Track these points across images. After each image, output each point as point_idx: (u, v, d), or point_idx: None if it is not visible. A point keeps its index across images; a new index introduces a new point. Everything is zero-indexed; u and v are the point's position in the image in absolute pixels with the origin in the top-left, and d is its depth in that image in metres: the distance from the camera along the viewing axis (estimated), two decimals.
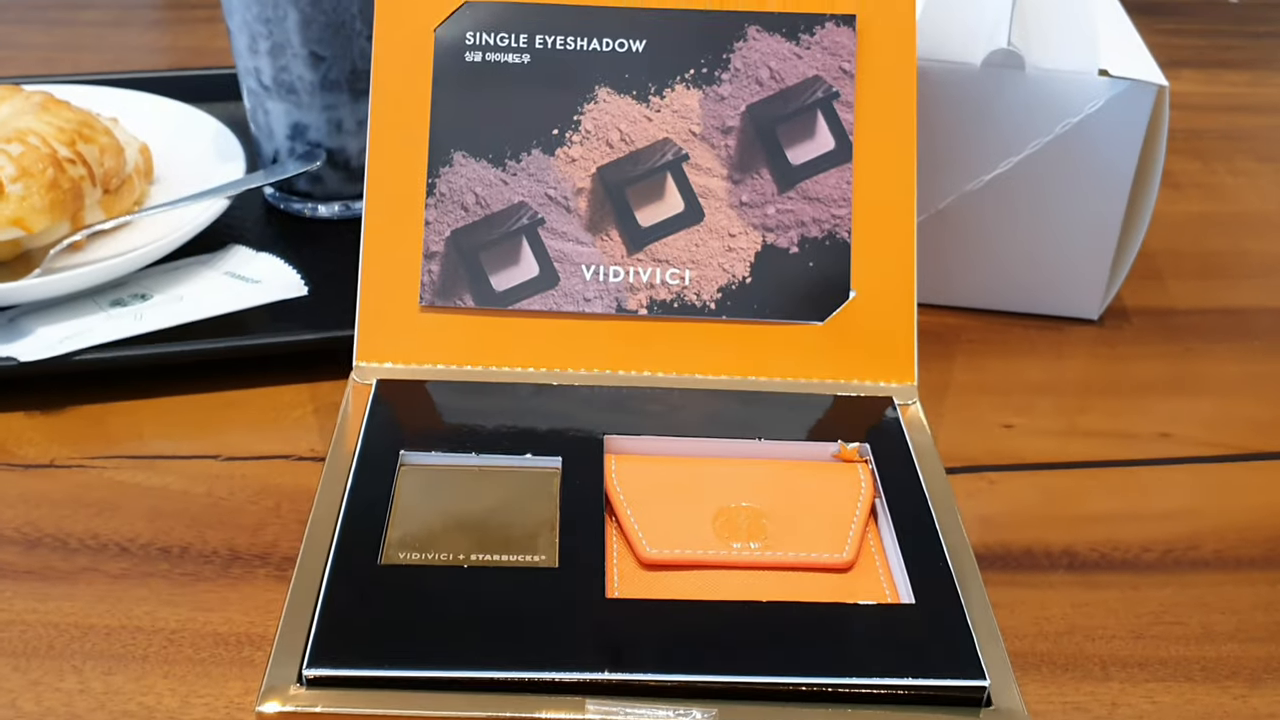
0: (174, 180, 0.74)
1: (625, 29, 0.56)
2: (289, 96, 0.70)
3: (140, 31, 1.01)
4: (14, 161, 0.65)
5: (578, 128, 0.56)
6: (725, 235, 0.55)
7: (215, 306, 0.62)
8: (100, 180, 0.68)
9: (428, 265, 0.55)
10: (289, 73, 0.69)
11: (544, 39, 0.56)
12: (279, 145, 0.73)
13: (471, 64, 0.56)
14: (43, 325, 0.62)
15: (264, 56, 0.69)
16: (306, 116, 0.71)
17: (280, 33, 0.68)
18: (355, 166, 0.73)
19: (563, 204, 0.55)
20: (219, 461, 0.57)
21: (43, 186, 0.65)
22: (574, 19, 0.56)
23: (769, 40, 0.56)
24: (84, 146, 0.68)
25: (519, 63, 0.56)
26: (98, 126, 0.70)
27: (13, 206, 0.64)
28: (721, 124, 0.56)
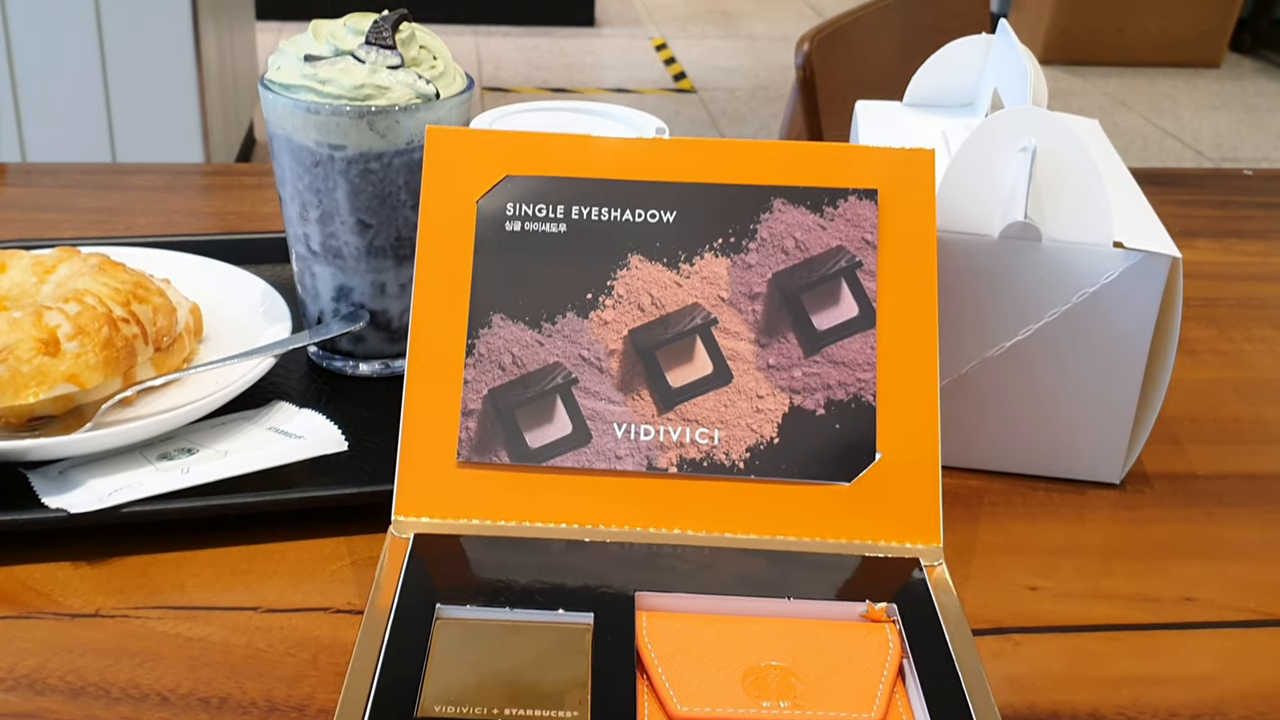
0: (222, 339, 0.77)
1: (657, 201, 0.59)
2: (335, 261, 0.73)
3: (190, 196, 1.06)
4: (71, 320, 0.68)
5: (611, 292, 0.58)
6: (753, 397, 0.57)
7: (258, 461, 0.64)
8: (152, 339, 0.71)
9: (465, 422, 0.57)
10: (336, 239, 0.73)
11: (580, 209, 0.59)
12: (324, 306, 0.76)
13: (511, 232, 0.59)
14: (92, 478, 0.64)
15: (313, 224, 0.73)
16: (351, 280, 0.74)
17: (330, 202, 0.71)
18: (396, 327, 0.76)
19: (596, 365, 0.58)
20: (259, 613, 0.58)
21: (97, 345, 0.68)
22: (608, 191, 0.59)
23: (794, 212, 0.59)
24: (138, 307, 0.71)
25: (556, 231, 0.59)
26: (151, 288, 0.73)
27: (68, 363, 0.67)
28: (749, 290, 0.58)
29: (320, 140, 0.69)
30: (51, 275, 0.74)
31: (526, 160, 0.60)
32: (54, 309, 0.68)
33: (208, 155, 2.66)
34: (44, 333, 0.67)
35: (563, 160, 0.60)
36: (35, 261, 0.75)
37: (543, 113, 0.71)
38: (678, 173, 0.60)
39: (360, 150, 0.69)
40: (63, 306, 0.69)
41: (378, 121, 0.69)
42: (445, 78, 0.71)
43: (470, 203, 0.60)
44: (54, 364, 0.67)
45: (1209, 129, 3.87)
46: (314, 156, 0.70)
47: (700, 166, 0.60)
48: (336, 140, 0.69)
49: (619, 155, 0.60)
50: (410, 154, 0.70)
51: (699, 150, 0.60)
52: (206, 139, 2.56)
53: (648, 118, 0.70)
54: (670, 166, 0.60)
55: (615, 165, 0.60)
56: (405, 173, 0.71)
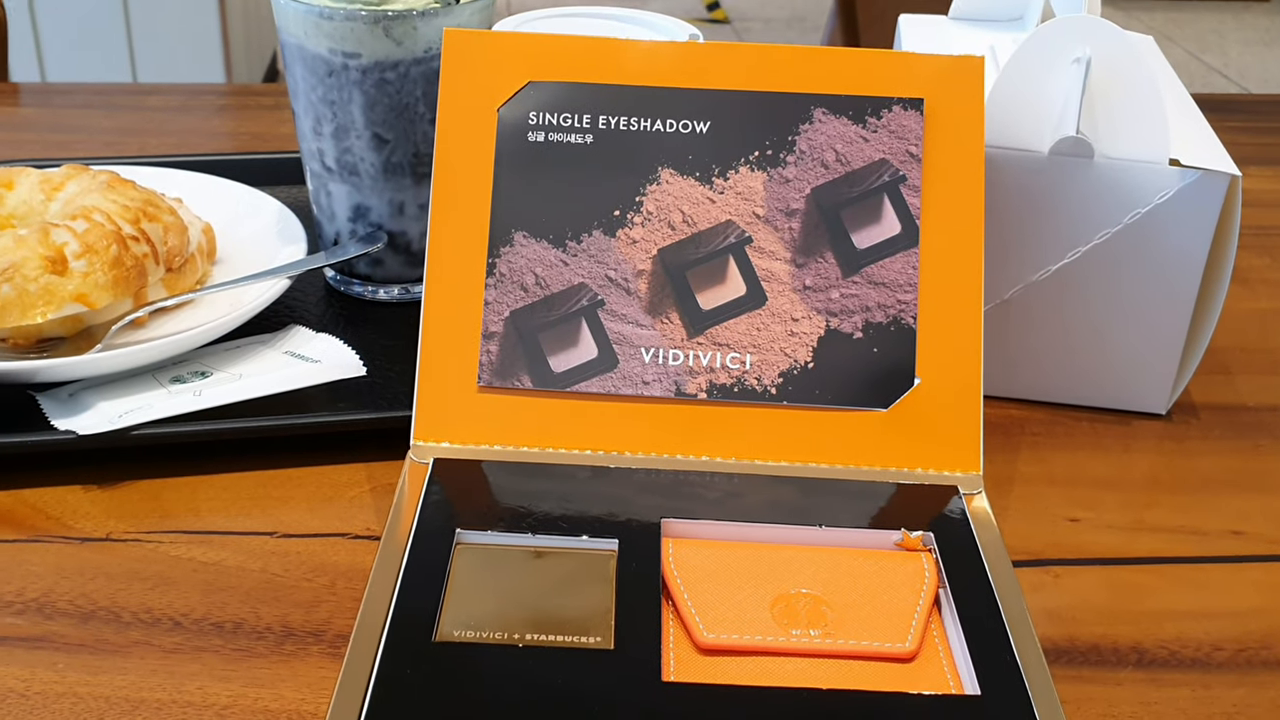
0: (236, 260, 0.75)
1: (689, 110, 0.56)
2: (351, 179, 0.71)
3: (206, 117, 1.03)
4: (79, 238, 0.65)
5: (639, 209, 0.56)
6: (788, 319, 0.55)
7: (274, 385, 0.62)
8: (163, 258, 0.69)
9: (486, 346, 0.55)
10: (352, 154, 0.70)
11: (607, 119, 0.56)
12: (340, 227, 0.73)
13: (534, 144, 0.56)
14: (102, 400, 0.62)
15: (328, 139, 0.70)
16: (368, 199, 0.71)
17: (344, 115, 0.69)
18: (416, 250, 0.73)
19: (623, 286, 0.55)
20: (274, 538, 0.56)
21: (106, 263, 0.65)
22: (638, 99, 0.57)
23: (835, 123, 0.56)
24: (148, 225, 0.68)
25: (581, 143, 0.56)
26: (162, 206, 0.71)
27: (76, 282, 0.64)
28: (785, 207, 0.56)
29: (334, 48, 0.67)
30: (59, 193, 0.72)
31: (551, 65, 0.57)
32: (61, 226, 0.66)
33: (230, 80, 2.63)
34: (51, 250, 0.64)
35: (589, 65, 0.57)
36: (43, 179, 0.72)
37: (570, 18, 0.68)
38: (712, 79, 0.57)
39: (376, 59, 0.67)
40: (70, 224, 0.66)
41: (394, 27, 0.66)
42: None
43: (490, 111, 0.57)
44: (62, 283, 0.64)
45: (1256, 65, 3.79)
46: (328, 66, 0.67)
47: (736, 73, 0.57)
48: (351, 48, 0.66)
49: (650, 60, 0.57)
50: (429, 63, 0.67)
51: (735, 56, 0.57)
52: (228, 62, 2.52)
53: (680, 24, 0.66)
54: (704, 73, 0.57)
55: (646, 71, 0.57)
56: (423, 83, 0.68)
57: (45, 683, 0.48)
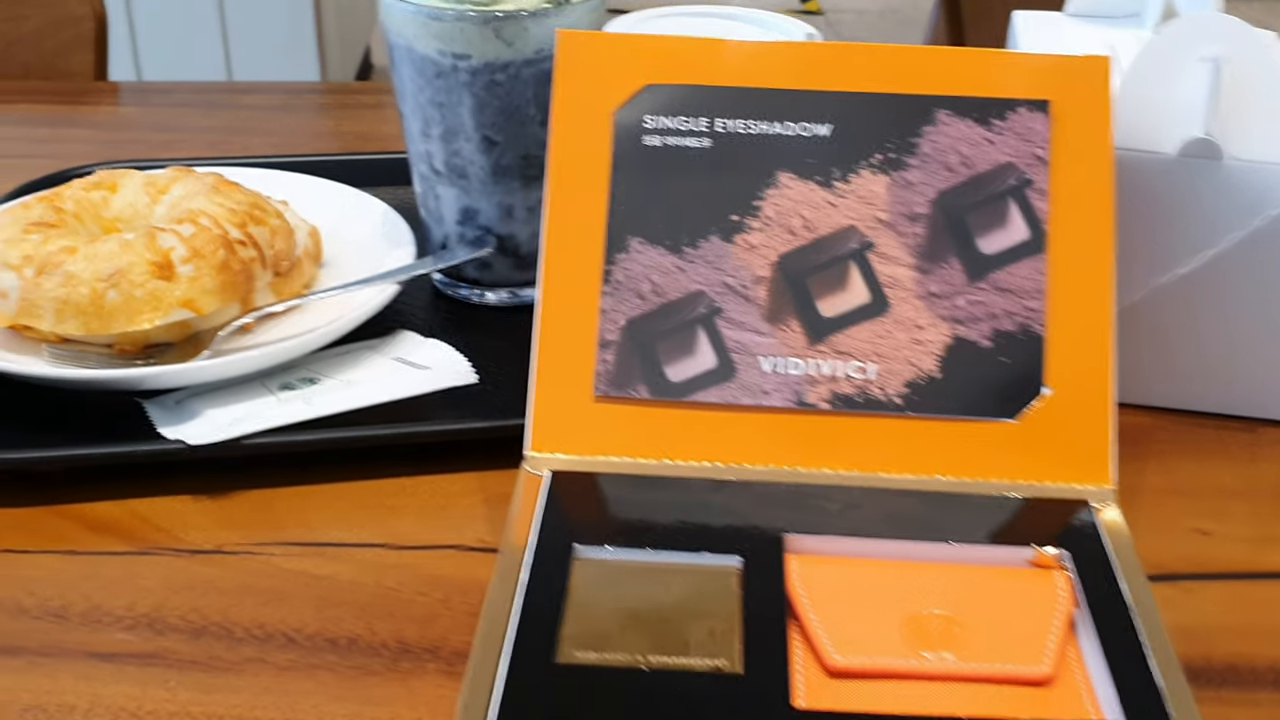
0: (343, 264, 0.74)
1: (809, 112, 0.55)
2: (460, 181, 0.70)
3: (307, 116, 1.03)
4: (185, 242, 0.65)
5: (758, 214, 0.54)
6: (912, 327, 0.53)
7: (384, 393, 0.62)
8: (270, 263, 0.68)
9: (603, 354, 0.54)
10: (461, 157, 0.69)
11: (725, 122, 0.55)
12: (448, 231, 0.73)
13: (650, 148, 0.55)
14: (210, 407, 0.62)
15: (436, 141, 0.69)
16: (477, 202, 0.71)
17: (454, 118, 0.68)
18: (525, 253, 0.72)
19: (741, 293, 0.54)
20: (388, 550, 0.56)
21: (214, 268, 0.65)
22: (756, 102, 0.55)
23: (959, 125, 0.54)
24: (255, 229, 0.68)
25: (699, 147, 0.55)
26: (268, 209, 0.70)
27: (184, 287, 0.64)
28: (909, 211, 0.54)
29: (443, 50, 0.66)
30: (164, 196, 0.72)
31: (667, 67, 0.56)
32: (167, 230, 0.66)
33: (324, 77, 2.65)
34: (158, 255, 0.64)
35: (706, 67, 0.56)
36: (148, 181, 0.72)
37: (683, 18, 0.66)
38: (832, 81, 0.55)
39: (486, 60, 0.66)
40: (176, 228, 0.66)
41: (505, 28, 0.65)
42: None
43: (605, 115, 0.56)
44: (169, 289, 0.64)
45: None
46: (436, 67, 0.67)
47: (857, 74, 0.55)
48: (460, 49, 0.65)
49: (768, 61, 0.56)
50: (539, 64, 0.66)
51: (855, 56, 0.55)
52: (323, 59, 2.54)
53: (796, 24, 0.65)
54: (824, 74, 0.55)
55: (764, 72, 0.56)
56: (534, 85, 0.67)
57: (157, 701, 0.48)
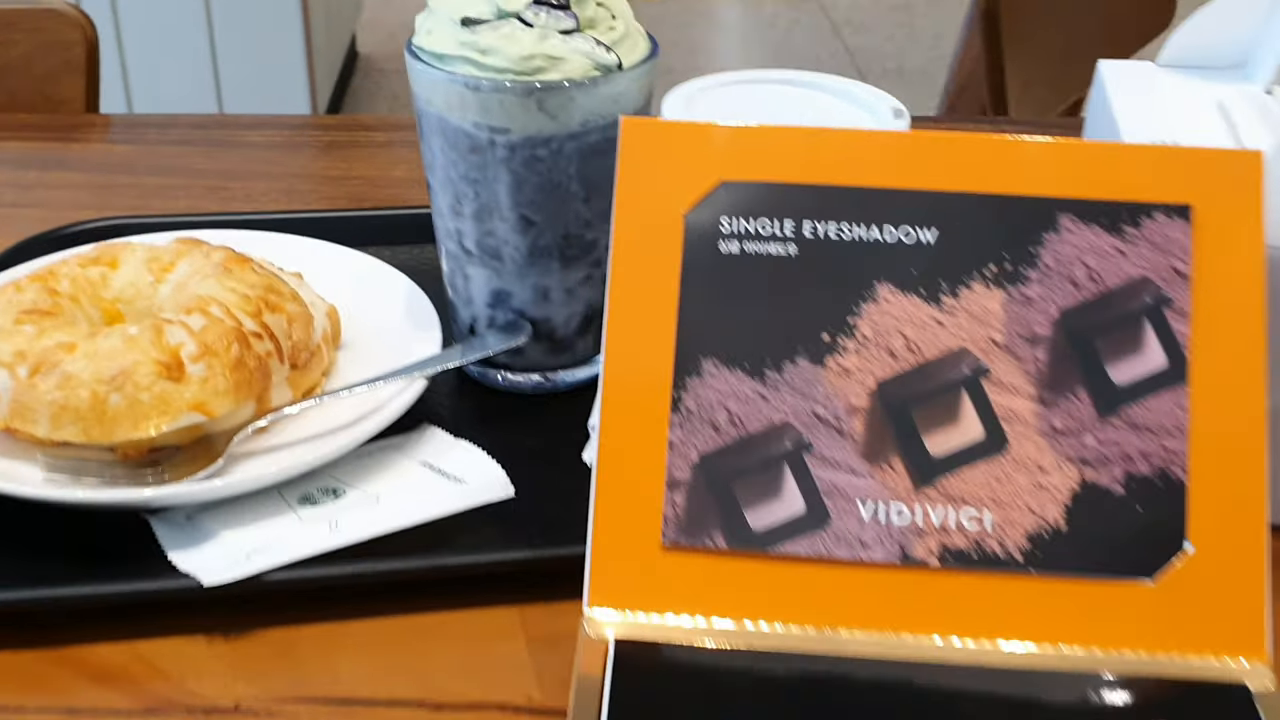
0: (362, 346, 0.67)
1: (912, 214, 0.48)
2: (492, 262, 0.63)
3: (312, 156, 0.96)
4: (195, 337, 0.58)
5: (853, 333, 0.47)
6: (1034, 469, 0.46)
7: (415, 514, 0.55)
8: (288, 355, 0.61)
9: (672, 496, 0.47)
10: (494, 237, 0.62)
11: (814, 226, 0.48)
12: (478, 313, 0.65)
13: (727, 255, 0.48)
14: (225, 528, 0.55)
15: (468, 219, 0.62)
16: (510, 284, 0.64)
17: (488, 194, 0.61)
18: (560, 337, 0.65)
19: (834, 425, 0.47)
20: (425, 710, 0.49)
21: (227, 366, 0.58)
22: (850, 202, 0.48)
23: (1086, 232, 0.47)
24: (270, 317, 0.61)
25: (784, 254, 0.48)
26: (284, 292, 0.63)
27: (194, 389, 0.57)
28: (1028, 332, 0.47)
29: (479, 122, 0.59)
30: (169, 274, 0.65)
31: (745, 161, 0.49)
32: (175, 322, 0.59)
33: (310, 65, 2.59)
34: (165, 354, 0.57)
35: (790, 160, 0.49)
36: (151, 257, 0.65)
37: (749, 85, 0.59)
38: (937, 178, 0.48)
39: (526, 134, 0.58)
40: (185, 319, 0.59)
41: (548, 100, 0.58)
42: (627, 42, 0.60)
43: (676, 216, 0.49)
44: (178, 390, 0.57)
45: None
46: (471, 141, 0.59)
47: (965, 170, 0.48)
48: (499, 122, 0.58)
49: (862, 154, 0.49)
50: (584, 137, 0.59)
51: (964, 149, 0.48)
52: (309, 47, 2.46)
53: (877, 94, 0.58)
54: (928, 169, 0.48)
55: (857, 167, 0.48)
56: (578, 159, 0.60)
57: None
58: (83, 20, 1.07)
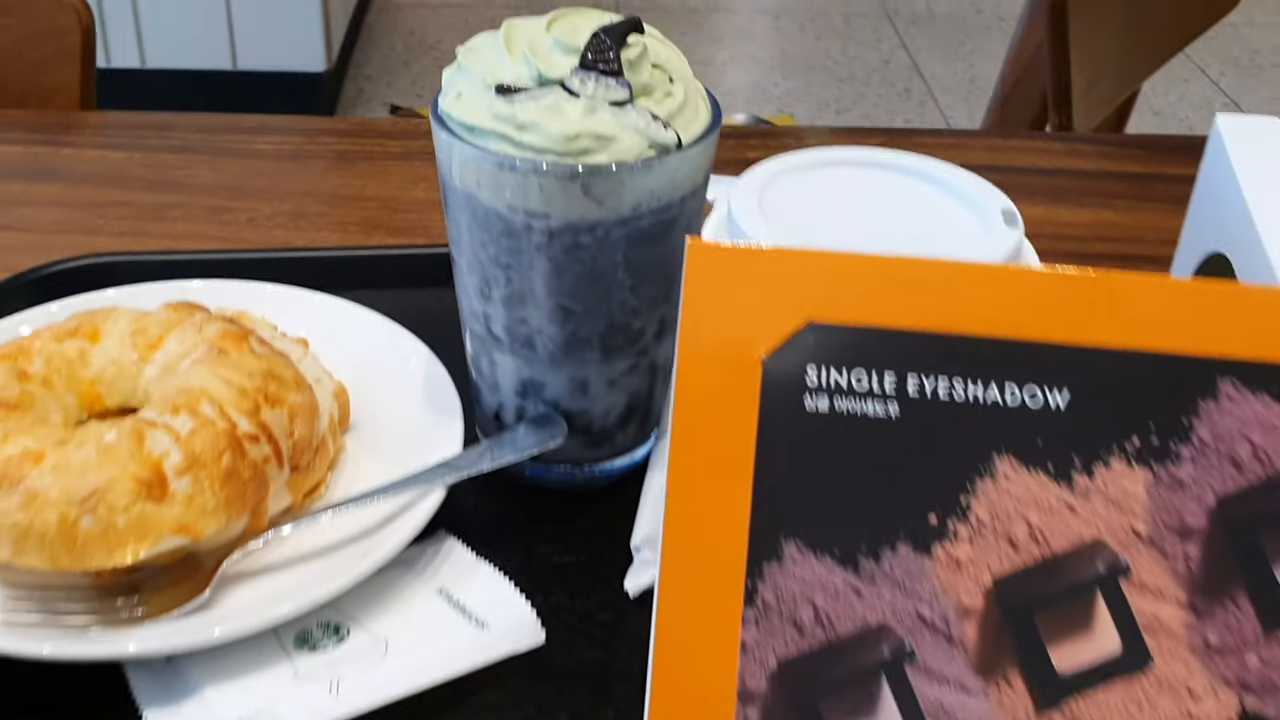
0: (373, 429, 0.59)
1: (1039, 372, 0.40)
2: (524, 351, 0.55)
3: (324, 169, 0.87)
4: (182, 445, 0.50)
5: (966, 516, 0.39)
6: (1182, 693, 0.38)
7: (430, 669, 0.47)
8: (288, 457, 0.53)
9: (744, 711, 0.39)
10: (527, 325, 0.54)
11: (920, 382, 0.40)
12: (505, 400, 0.57)
13: (814, 413, 0.40)
14: (209, 684, 0.47)
15: (497, 304, 0.54)
16: (543, 375, 0.55)
17: (522, 281, 0.52)
18: (598, 430, 0.57)
19: (942, 630, 0.39)
20: None
21: (216, 480, 0.50)
22: (964, 356, 0.40)
23: (1251, 402, 0.39)
24: (269, 413, 0.53)
25: (883, 415, 0.40)
26: (286, 378, 0.55)
27: (178, 509, 0.50)
28: (1178, 523, 0.39)
29: (514, 205, 0.50)
30: (156, 352, 0.57)
31: (838, 297, 0.40)
32: (159, 425, 0.51)
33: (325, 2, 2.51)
34: (146, 468, 0.50)
35: (893, 298, 0.40)
36: (136, 330, 0.57)
37: (828, 169, 0.50)
38: (1072, 326, 0.40)
39: (568, 220, 0.50)
40: (170, 422, 0.51)
41: (595, 184, 0.49)
42: (686, 111, 0.51)
43: (752, 362, 0.40)
44: (159, 512, 0.49)
45: None
46: (504, 224, 0.51)
47: (1105, 318, 0.40)
48: (536, 206, 0.50)
49: (981, 294, 0.40)
50: (634, 223, 0.51)
51: (1104, 292, 0.40)
52: None
53: (985, 189, 0.49)
54: (1060, 315, 0.40)
55: (975, 310, 0.40)
56: (625, 246, 0.51)
57: None
58: (78, 5, 0.98)
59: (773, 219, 0.47)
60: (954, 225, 0.47)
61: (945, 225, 0.47)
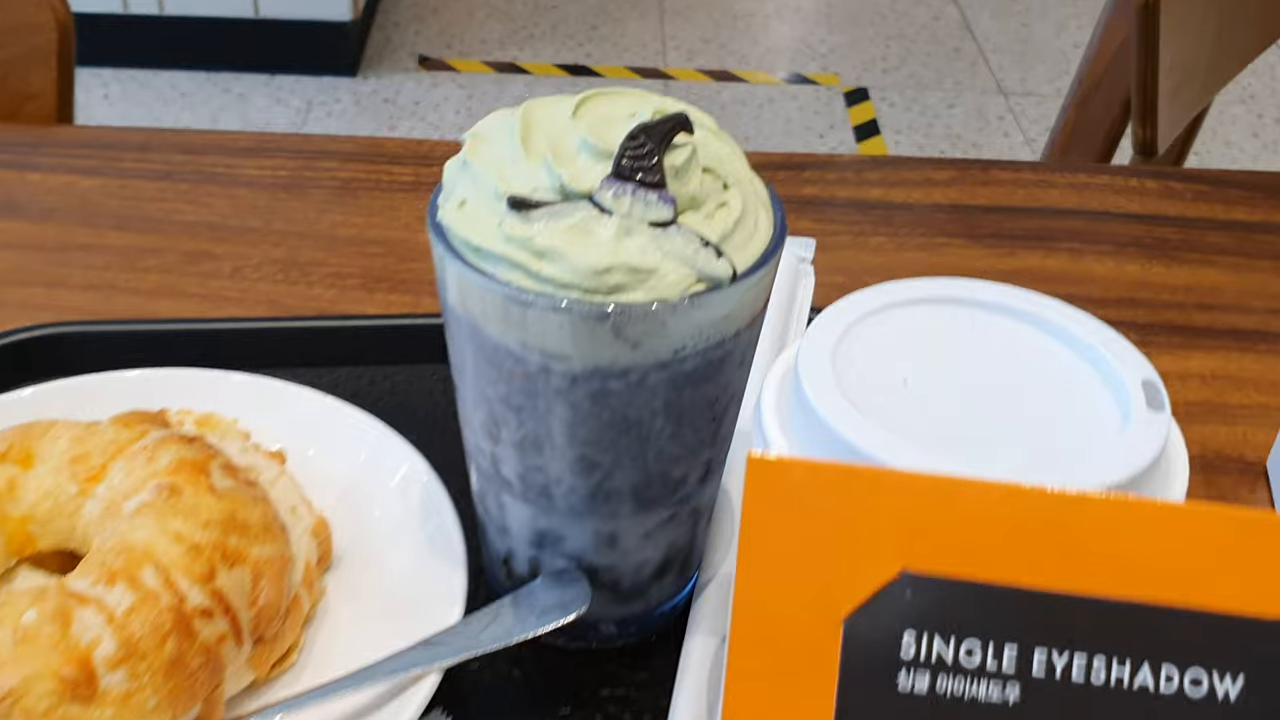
0: (359, 567, 0.51)
1: (1206, 652, 0.30)
2: (540, 500, 0.45)
3: (323, 202, 0.77)
4: (117, 629, 0.41)
5: None
6: None
7: None
8: (249, 630, 0.44)
9: None
10: (544, 474, 0.44)
11: (1049, 658, 0.30)
12: (515, 547, 0.48)
13: (908, 695, 0.31)
14: None
15: (507, 447, 0.44)
16: (563, 527, 0.46)
17: (537, 426, 0.43)
18: (628, 586, 0.48)
19: None
20: None
21: (158, 671, 0.41)
22: (1108, 625, 0.30)
23: None
24: (228, 576, 0.44)
25: (998, 701, 0.30)
26: (252, 524, 0.46)
27: (111, 710, 0.41)
28: None
29: (529, 344, 0.40)
30: (99, 484, 0.47)
31: (944, 538, 0.31)
32: (90, 601, 0.42)
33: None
34: (71, 662, 0.40)
35: (1018, 543, 0.31)
36: (77, 456, 0.48)
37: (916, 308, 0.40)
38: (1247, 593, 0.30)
39: (596, 364, 0.41)
40: (104, 596, 0.42)
41: (630, 326, 0.39)
42: (743, 227, 0.41)
43: (830, 621, 0.31)
44: (86, 715, 0.40)
45: None
46: (517, 364, 0.41)
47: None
48: (556, 348, 0.40)
49: (1131, 542, 0.30)
50: (677, 366, 0.41)
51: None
52: None
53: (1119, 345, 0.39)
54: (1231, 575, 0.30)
55: (1124, 565, 0.30)
56: (665, 391, 0.42)
57: None
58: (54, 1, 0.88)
59: (853, 395, 0.37)
60: (1081, 405, 0.37)
61: (1070, 407, 0.37)
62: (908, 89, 2.74)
